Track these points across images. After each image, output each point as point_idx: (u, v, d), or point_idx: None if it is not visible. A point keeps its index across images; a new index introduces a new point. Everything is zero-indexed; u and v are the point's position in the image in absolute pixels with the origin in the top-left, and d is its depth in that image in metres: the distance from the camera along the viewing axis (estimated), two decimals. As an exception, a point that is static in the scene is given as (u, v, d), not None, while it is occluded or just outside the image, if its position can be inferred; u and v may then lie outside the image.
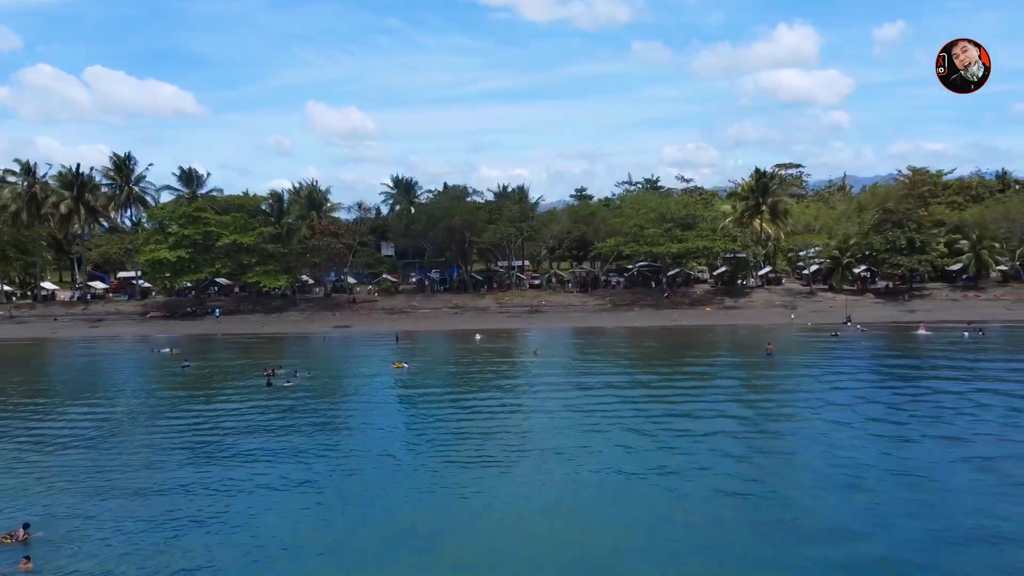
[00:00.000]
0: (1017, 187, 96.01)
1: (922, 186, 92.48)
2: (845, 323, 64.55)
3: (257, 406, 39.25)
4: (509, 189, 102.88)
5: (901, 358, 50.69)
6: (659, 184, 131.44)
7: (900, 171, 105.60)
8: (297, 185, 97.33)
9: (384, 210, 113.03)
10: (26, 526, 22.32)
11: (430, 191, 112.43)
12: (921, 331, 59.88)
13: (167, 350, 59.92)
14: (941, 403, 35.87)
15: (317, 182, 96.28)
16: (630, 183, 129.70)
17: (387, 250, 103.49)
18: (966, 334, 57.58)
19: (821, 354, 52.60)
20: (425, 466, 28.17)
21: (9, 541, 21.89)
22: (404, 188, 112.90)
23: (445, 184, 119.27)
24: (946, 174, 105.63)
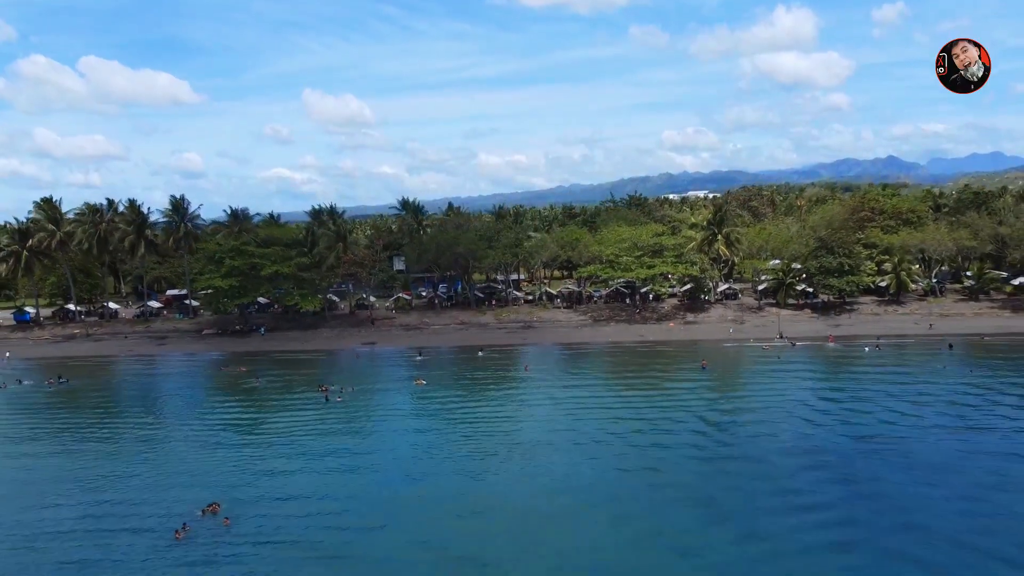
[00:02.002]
0: (945, 210, 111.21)
1: (861, 211, 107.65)
2: (777, 337, 79.77)
3: (323, 411, 55.57)
4: (506, 207, 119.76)
5: (804, 367, 66.26)
6: (643, 198, 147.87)
7: (852, 193, 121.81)
8: (317, 207, 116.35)
9: (393, 227, 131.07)
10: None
11: (435, 214, 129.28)
12: (830, 344, 75.38)
13: (231, 367, 75.41)
14: (826, 399, 51.90)
15: (334, 206, 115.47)
16: (613, 201, 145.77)
17: (399, 264, 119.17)
18: (867, 348, 72.96)
19: (745, 366, 67.99)
20: (440, 445, 44.44)
21: (207, 511, 37.31)
22: (412, 211, 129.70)
23: (450, 204, 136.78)
24: (897, 191, 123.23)
